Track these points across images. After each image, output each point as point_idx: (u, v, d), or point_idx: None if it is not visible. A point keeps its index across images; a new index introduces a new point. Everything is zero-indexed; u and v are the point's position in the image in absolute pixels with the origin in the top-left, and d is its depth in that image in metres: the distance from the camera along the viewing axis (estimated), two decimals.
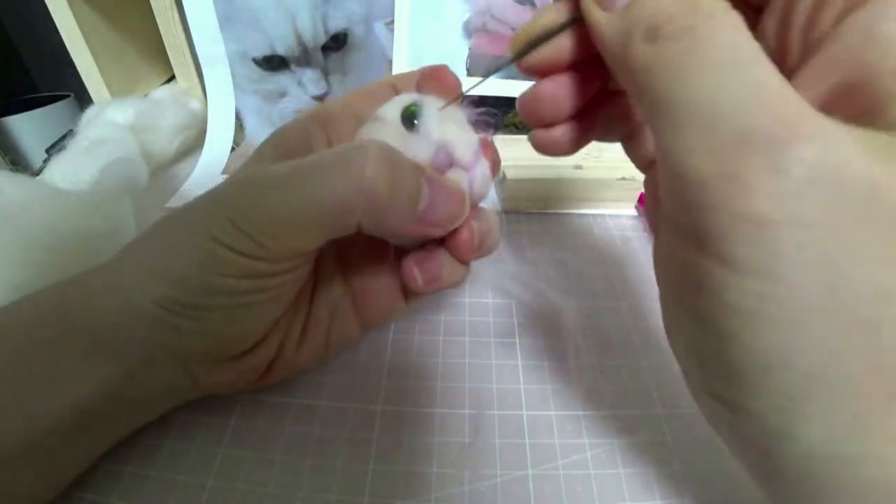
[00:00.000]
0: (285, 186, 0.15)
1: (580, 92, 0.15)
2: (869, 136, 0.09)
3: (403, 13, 0.34)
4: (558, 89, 0.15)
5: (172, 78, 0.43)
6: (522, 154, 0.18)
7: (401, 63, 0.35)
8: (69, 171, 0.29)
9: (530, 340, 0.22)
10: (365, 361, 0.21)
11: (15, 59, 0.95)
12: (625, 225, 0.29)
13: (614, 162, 0.30)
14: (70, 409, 0.15)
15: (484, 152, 0.19)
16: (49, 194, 0.24)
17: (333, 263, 0.20)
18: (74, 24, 0.37)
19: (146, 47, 0.44)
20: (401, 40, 0.35)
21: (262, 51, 0.35)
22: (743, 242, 0.09)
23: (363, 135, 0.19)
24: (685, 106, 0.10)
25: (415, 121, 0.18)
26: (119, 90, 0.41)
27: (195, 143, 0.38)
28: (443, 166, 0.18)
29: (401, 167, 0.16)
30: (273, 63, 0.36)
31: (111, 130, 0.33)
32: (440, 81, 0.20)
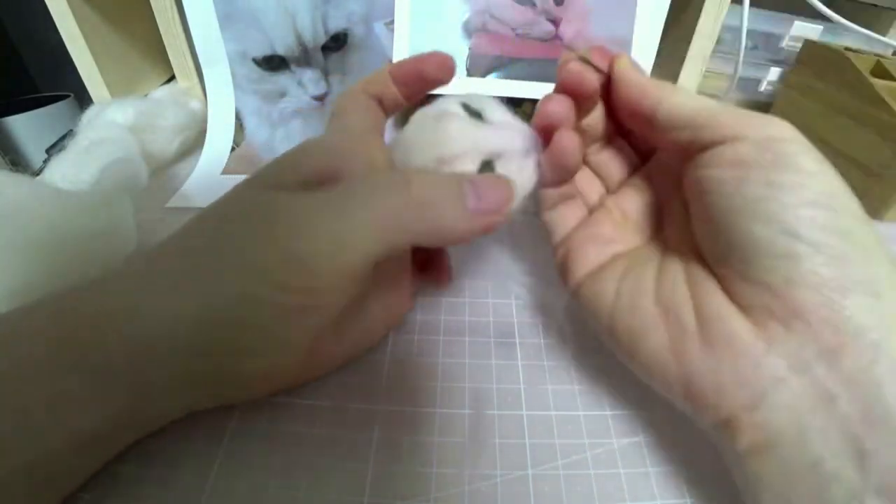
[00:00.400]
0: (338, 216, 0.15)
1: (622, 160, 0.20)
2: None
3: (403, 13, 0.34)
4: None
5: (172, 78, 0.43)
6: None
7: None
8: (69, 171, 0.29)
9: (530, 340, 0.22)
10: (365, 361, 0.21)
11: (15, 59, 0.95)
12: None
13: None
14: (74, 439, 0.15)
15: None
16: (49, 194, 0.24)
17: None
18: (74, 24, 0.37)
19: (146, 47, 0.44)
20: (401, 40, 0.35)
21: (262, 51, 0.35)
22: None
23: (429, 134, 0.18)
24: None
25: (481, 115, 0.18)
26: (119, 90, 0.41)
27: (195, 143, 0.38)
28: (530, 147, 0.18)
29: (440, 178, 0.17)
30: (273, 63, 0.36)
31: (111, 130, 0.33)
32: (440, 68, 0.21)
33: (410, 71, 0.21)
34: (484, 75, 0.34)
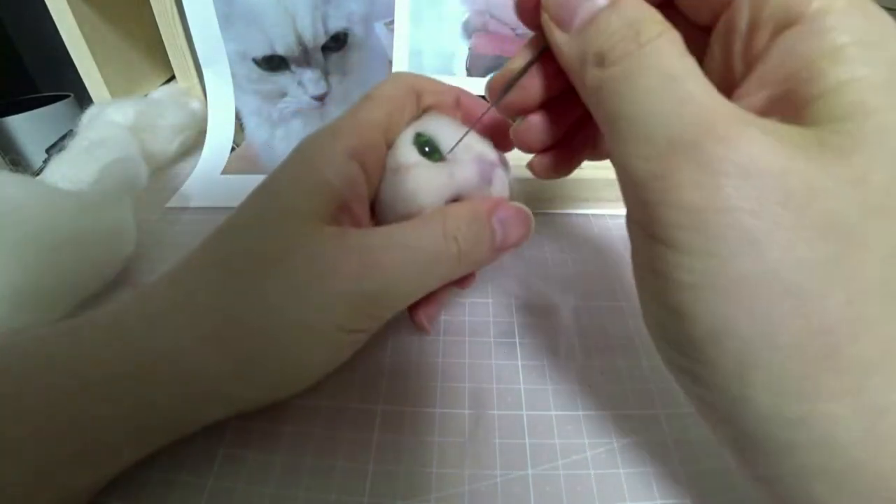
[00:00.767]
0: (393, 256, 0.16)
1: (559, 122, 0.17)
2: (784, 131, 0.11)
3: (403, 13, 0.34)
4: (538, 124, 0.17)
5: (172, 78, 0.43)
6: (521, 154, 0.18)
7: (401, 63, 0.35)
8: (69, 171, 0.29)
9: (530, 340, 0.22)
10: (365, 361, 0.21)
11: (15, 59, 0.95)
12: (625, 225, 0.29)
13: None
14: (105, 474, 0.15)
15: (496, 144, 0.20)
16: (49, 194, 0.24)
17: None
18: (74, 24, 0.37)
19: (146, 47, 0.44)
20: (401, 40, 0.35)
21: (262, 51, 0.35)
22: (680, 227, 0.11)
23: (395, 188, 0.18)
24: (627, 122, 0.12)
25: (437, 148, 0.19)
26: (119, 90, 0.41)
27: (195, 143, 0.38)
28: (489, 176, 0.19)
29: (474, 221, 0.17)
30: (273, 63, 0.36)
31: (111, 130, 0.33)
32: (471, 113, 0.21)
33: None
34: (484, 75, 0.34)
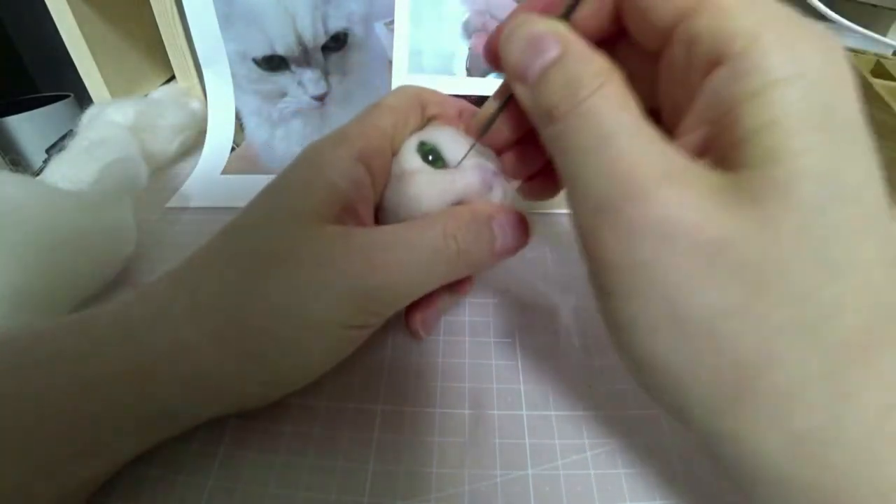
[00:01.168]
0: (394, 254, 0.16)
1: (535, 156, 0.19)
2: (706, 180, 0.11)
3: (403, 13, 0.34)
4: (516, 158, 0.19)
5: (172, 78, 0.43)
6: None
7: (401, 63, 0.35)
8: (69, 171, 0.29)
9: (530, 340, 0.22)
10: (365, 361, 0.21)
11: (15, 59, 0.95)
12: None
13: None
14: (106, 470, 0.16)
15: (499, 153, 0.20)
16: (49, 194, 0.24)
17: None
18: (74, 24, 0.37)
19: (146, 47, 0.44)
20: (401, 40, 0.35)
21: (262, 51, 0.35)
22: (606, 277, 0.12)
23: (398, 194, 0.19)
24: (569, 179, 0.13)
25: (440, 157, 0.19)
26: (119, 90, 0.41)
27: (195, 143, 0.38)
28: (490, 183, 0.19)
29: (474, 222, 0.17)
30: (273, 63, 0.36)
31: (111, 130, 0.33)
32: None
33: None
34: (484, 75, 0.34)
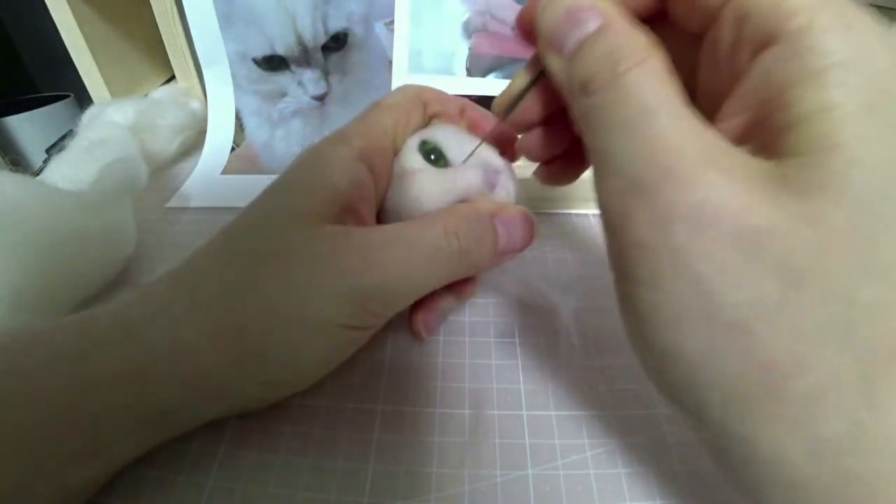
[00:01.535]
0: (394, 255, 0.16)
1: (562, 134, 0.17)
2: (749, 167, 0.11)
3: (403, 13, 0.34)
4: (541, 137, 0.18)
5: (172, 78, 0.43)
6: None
7: (401, 63, 0.35)
8: (69, 171, 0.29)
9: (530, 340, 0.22)
10: (365, 361, 0.21)
11: (15, 59, 0.95)
12: None
13: None
14: (106, 471, 0.16)
15: (502, 151, 0.20)
16: (49, 194, 0.24)
17: None
18: (74, 24, 0.37)
19: (146, 47, 0.44)
20: (401, 40, 0.35)
21: (262, 51, 0.35)
22: (635, 262, 0.11)
23: (400, 194, 0.19)
24: (601, 154, 0.12)
25: (442, 155, 0.19)
26: (119, 90, 0.41)
27: (195, 143, 0.38)
28: (493, 182, 0.19)
29: (475, 221, 0.17)
30: (273, 63, 0.36)
31: (111, 130, 0.33)
32: (479, 128, 0.21)
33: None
34: (484, 75, 0.34)
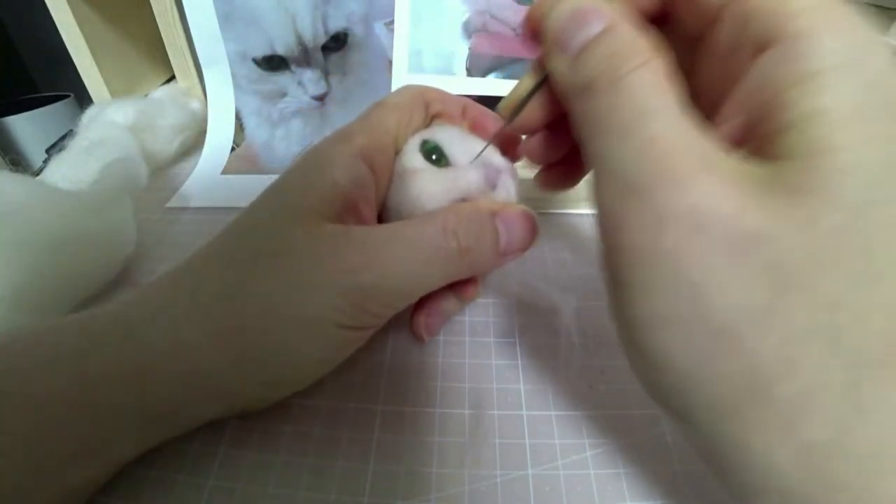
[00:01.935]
0: (394, 254, 0.16)
1: (566, 138, 0.17)
2: (743, 171, 0.11)
3: (403, 13, 0.34)
4: (543, 142, 0.17)
5: (172, 78, 0.43)
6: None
7: (401, 63, 0.35)
8: (69, 171, 0.29)
9: (530, 340, 0.22)
10: (365, 362, 0.21)
11: (15, 59, 0.95)
12: None
13: None
14: (106, 470, 0.16)
15: (504, 150, 0.20)
16: (49, 194, 0.24)
17: None
18: (74, 24, 0.37)
19: (146, 47, 0.44)
20: (401, 40, 0.35)
21: (262, 51, 0.35)
22: (626, 265, 0.11)
23: (400, 193, 0.19)
24: (599, 157, 0.12)
25: (443, 155, 0.19)
26: (119, 90, 0.41)
27: (195, 143, 0.38)
28: (494, 181, 0.19)
29: (477, 221, 0.17)
30: (273, 63, 0.36)
31: (111, 130, 0.33)
32: (483, 129, 0.21)
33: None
34: (484, 75, 0.34)
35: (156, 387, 0.15)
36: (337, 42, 0.35)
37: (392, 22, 0.35)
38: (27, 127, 0.78)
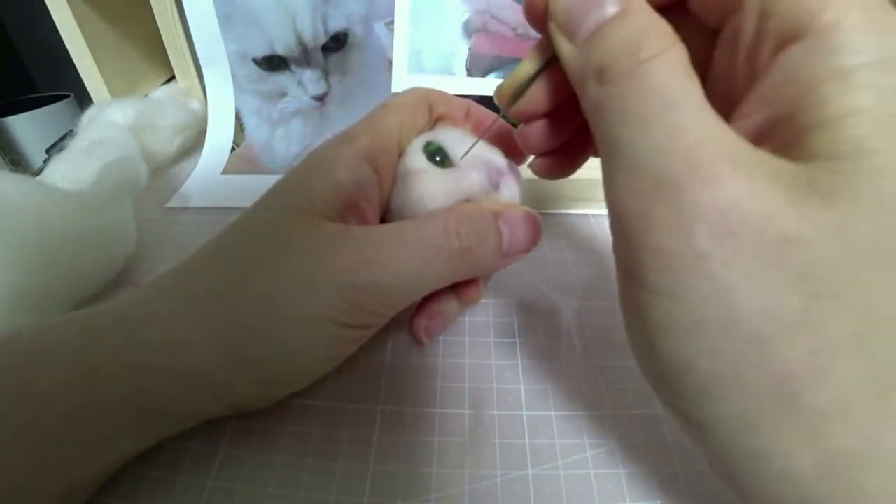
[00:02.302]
0: (396, 253, 0.16)
1: (565, 125, 0.16)
2: (774, 170, 0.10)
3: (403, 13, 0.34)
4: (543, 129, 0.17)
5: (172, 78, 0.43)
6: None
7: (401, 63, 0.35)
8: (69, 171, 0.29)
9: (530, 340, 0.22)
10: (365, 361, 0.21)
11: (15, 59, 0.95)
12: None
13: None
14: (107, 466, 0.15)
15: (508, 152, 0.20)
16: (49, 194, 0.24)
17: None
18: (74, 24, 0.37)
19: (146, 47, 0.44)
20: (401, 40, 0.35)
21: (262, 51, 0.35)
22: (650, 267, 0.11)
23: (403, 194, 0.19)
24: (617, 148, 0.11)
25: (446, 156, 0.19)
26: (119, 90, 0.41)
27: (195, 143, 0.38)
28: (497, 182, 0.19)
29: (480, 222, 0.17)
30: (273, 63, 0.36)
31: (111, 130, 0.33)
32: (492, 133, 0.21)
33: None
34: (484, 75, 0.34)
35: (155, 384, 0.15)
36: (337, 42, 0.35)
37: (392, 22, 0.35)
38: (27, 127, 0.78)
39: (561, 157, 0.18)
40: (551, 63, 0.15)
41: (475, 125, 0.21)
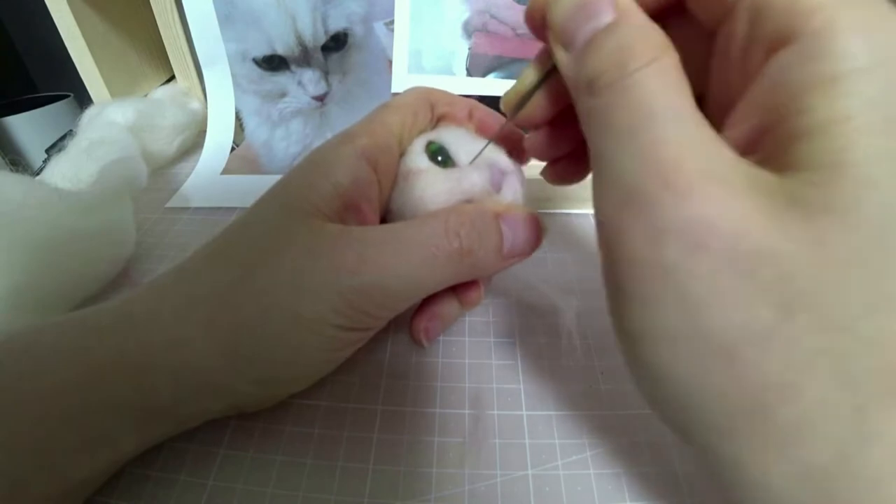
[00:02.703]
0: (396, 253, 0.16)
1: (572, 132, 0.16)
2: (753, 182, 0.10)
3: (403, 13, 0.34)
4: (549, 136, 0.17)
5: (172, 78, 0.43)
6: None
7: (401, 63, 0.35)
8: (69, 171, 0.29)
9: (530, 340, 0.22)
10: (365, 361, 0.21)
11: (15, 59, 0.95)
12: None
13: None
14: (106, 467, 0.15)
15: (511, 152, 0.20)
16: (49, 194, 0.24)
17: None
18: (74, 24, 0.37)
19: (146, 47, 0.44)
20: (401, 40, 0.35)
21: (262, 51, 0.35)
22: (627, 278, 0.11)
23: (404, 194, 0.19)
24: (601, 160, 0.12)
25: (448, 156, 0.19)
26: (119, 90, 0.41)
27: (195, 143, 0.38)
28: (499, 182, 0.18)
29: (480, 222, 0.17)
30: (273, 63, 0.36)
31: (111, 130, 0.33)
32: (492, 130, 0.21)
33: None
34: (484, 75, 0.34)
35: (155, 384, 0.15)
36: (337, 42, 0.35)
37: (392, 22, 0.35)
38: (27, 127, 0.78)
39: (569, 164, 0.18)
40: (553, 72, 0.15)
41: (479, 125, 0.21)
